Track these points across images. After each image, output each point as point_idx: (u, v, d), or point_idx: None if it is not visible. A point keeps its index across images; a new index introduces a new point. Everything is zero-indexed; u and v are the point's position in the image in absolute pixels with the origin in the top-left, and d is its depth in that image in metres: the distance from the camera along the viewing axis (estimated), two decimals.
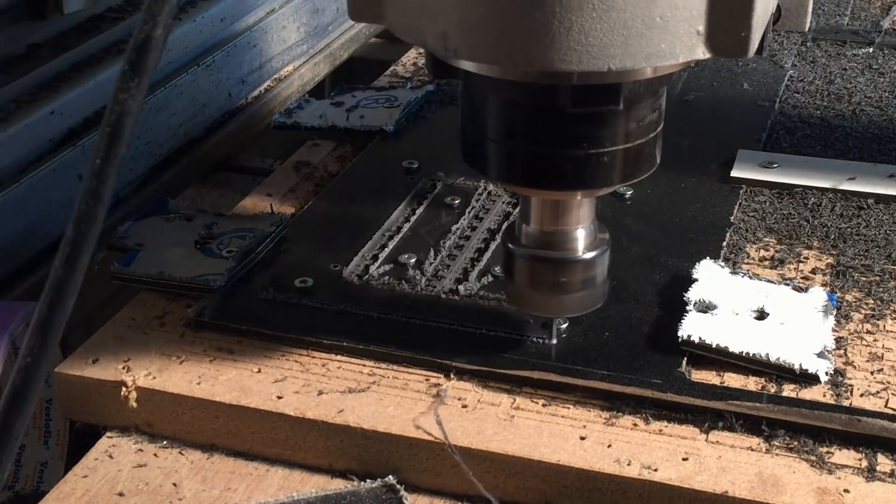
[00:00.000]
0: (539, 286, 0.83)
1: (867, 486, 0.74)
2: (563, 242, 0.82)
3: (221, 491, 0.78)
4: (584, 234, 0.82)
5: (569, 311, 0.85)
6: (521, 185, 0.79)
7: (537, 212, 0.82)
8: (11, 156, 1.07)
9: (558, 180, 0.77)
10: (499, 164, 0.78)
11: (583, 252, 0.82)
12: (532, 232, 0.82)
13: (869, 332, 0.88)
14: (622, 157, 0.76)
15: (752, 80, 1.35)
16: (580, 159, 0.75)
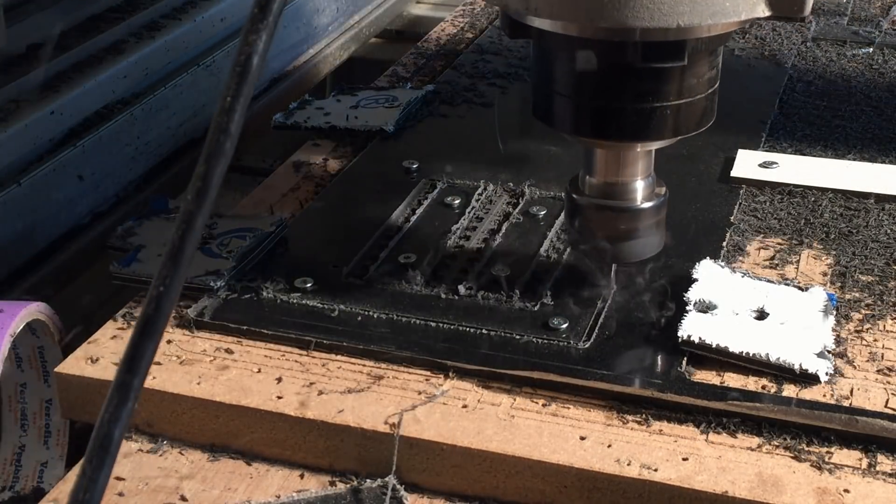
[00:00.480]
0: (600, 234, 0.89)
1: (867, 486, 0.74)
2: (623, 193, 0.88)
3: (221, 491, 0.78)
4: (643, 185, 0.89)
5: (628, 257, 0.91)
6: (589, 137, 0.86)
7: (601, 164, 0.88)
8: (11, 156, 1.07)
9: (623, 132, 0.83)
10: (568, 118, 0.85)
11: (641, 202, 0.88)
12: (595, 183, 0.89)
13: (869, 332, 0.88)
14: (683, 110, 0.82)
15: (752, 80, 1.35)
16: (644, 112, 0.82)
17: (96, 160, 1.17)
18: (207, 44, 1.37)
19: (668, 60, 0.79)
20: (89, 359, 0.86)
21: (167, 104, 1.27)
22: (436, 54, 1.48)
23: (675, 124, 0.83)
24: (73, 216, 1.15)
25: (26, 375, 0.92)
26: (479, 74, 1.38)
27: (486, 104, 1.30)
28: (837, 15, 1.57)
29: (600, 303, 0.91)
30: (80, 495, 0.55)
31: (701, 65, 0.82)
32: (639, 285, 0.93)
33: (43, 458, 0.92)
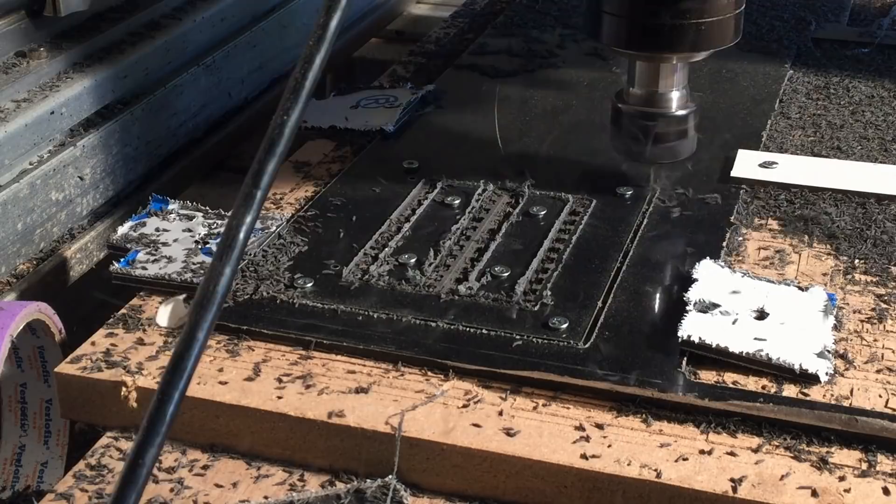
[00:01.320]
0: (639, 137, 1.05)
1: (867, 486, 0.74)
2: (660, 101, 1.05)
3: (221, 491, 0.78)
4: (678, 95, 1.05)
5: (663, 158, 1.07)
6: (632, 50, 1.03)
7: (641, 75, 1.05)
8: (11, 156, 1.07)
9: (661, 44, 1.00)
10: (613, 33, 1.02)
11: (676, 110, 1.05)
12: (636, 92, 1.05)
13: (869, 332, 0.88)
14: (714, 27, 0.99)
15: (752, 80, 1.35)
16: (681, 28, 0.98)
17: (96, 160, 1.17)
18: (207, 44, 1.37)
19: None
20: (89, 359, 0.86)
21: (167, 104, 1.27)
22: (436, 54, 1.48)
23: (707, 39, 0.99)
24: (73, 216, 1.14)
25: (26, 375, 0.92)
26: (479, 74, 1.38)
27: (487, 104, 1.30)
28: (837, 15, 1.57)
29: (600, 303, 0.91)
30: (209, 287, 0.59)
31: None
32: (639, 286, 0.93)
33: (43, 458, 0.92)
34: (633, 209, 1.05)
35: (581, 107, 1.29)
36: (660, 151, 1.06)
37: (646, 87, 1.05)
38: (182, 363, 0.58)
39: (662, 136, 1.05)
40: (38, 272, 1.08)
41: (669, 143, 1.05)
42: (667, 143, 1.05)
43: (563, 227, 1.02)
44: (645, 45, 1.02)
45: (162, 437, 0.57)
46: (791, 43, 1.46)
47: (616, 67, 1.39)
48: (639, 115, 1.05)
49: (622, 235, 1.01)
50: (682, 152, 1.08)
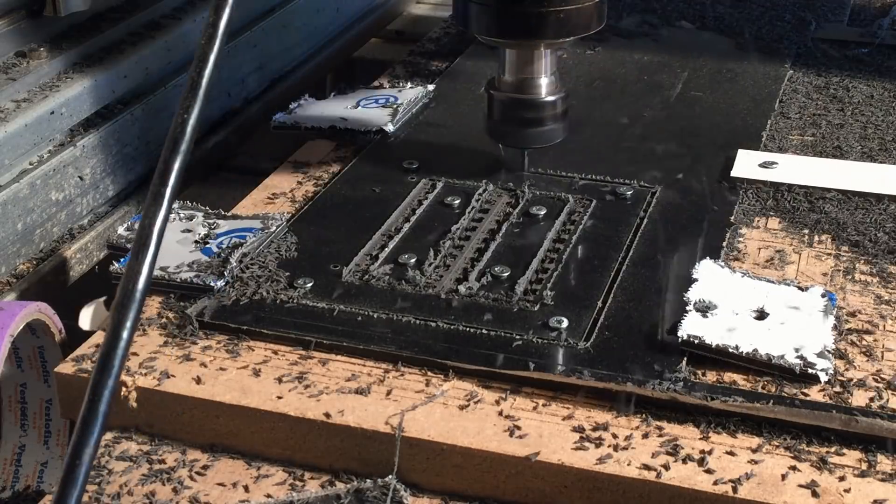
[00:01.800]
0: (510, 122, 1.09)
1: (867, 486, 0.74)
2: (530, 87, 1.08)
3: (221, 491, 0.78)
4: (547, 82, 1.08)
5: (534, 143, 1.10)
6: (498, 37, 1.06)
7: (511, 63, 1.08)
8: (11, 156, 1.07)
9: (525, 33, 1.03)
10: (481, 22, 1.05)
11: (545, 96, 1.08)
12: (507, 80, 1.08)
13: (869, 332, 0.88)
14: (575, 15, 1.02)
15: (752, 80, 1.35)
16: (543, 16, 1.01)
17: (96, 160, 1.17)
18: None
19: None
20: (89, 359, 0.86)
21: (167, 104, 1.27)
22: (436, 54, 1.48)
23: (568, 26, 1.03)
24: (73, 216, 1.14)
25: (26, 375, 0.92)
26: (479, 75, 1.38)
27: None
28: (837, 15, 1.57)
29: (600, 303, 0.91)
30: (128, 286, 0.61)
31: None
32: (639, 286, 0.93)
33: (43, 458, 0.92)
34: (633, 209, 1.05)
35: (581, 106, 1.29)
36: (530, 136, 1.09)
37: (515, 74, 1.07)
38: (109, 362, 0.59)
39: (532, 122, 1.08)
40: (38, 272, 1.08)
41: (539, 129, 1.09)
42: (537, 129, 1.09)
43: (563, 227, 1.02)
44: (511, 33, 1.05)
45: (97, 435, 0.58)
46: (791, 43, 1.46)
47: (617, 66, 1.39)
48: (510, 101, 1.08)
49: (622, 235, 1.01)
50: (551, 137, 1.10)
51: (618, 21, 1.55)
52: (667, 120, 1.25)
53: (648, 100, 1.31)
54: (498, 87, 1.09)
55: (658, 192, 1.08)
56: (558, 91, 1.09)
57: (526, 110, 1.08)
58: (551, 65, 1.08)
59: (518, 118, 1.09)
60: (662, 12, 1.58)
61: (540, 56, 1.07)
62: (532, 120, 1.08)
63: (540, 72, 1.07)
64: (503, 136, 1.12)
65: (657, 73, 1.38)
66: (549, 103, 1.08)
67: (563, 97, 1.09)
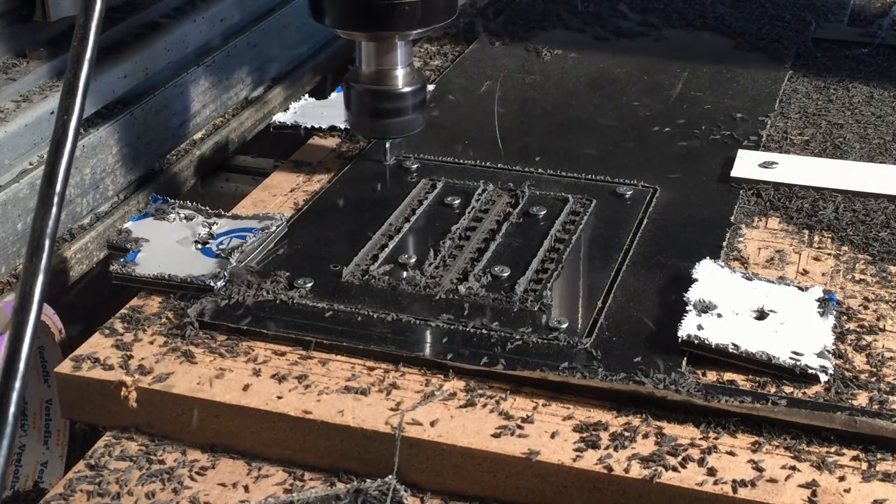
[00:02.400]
0: (369, 113, 1.09)
1: (867, 485, 0.74)
2: (386, 79, 1.07)
3: (221, 491, 0.78)
4: (403, 73, 1.07)
5: (392, 133, 1.11)
6: (349, 29, 1.06)
7: (367, 55, 1.07)
8: (11, 156, 1.07)
9: (375, 23, 1.03)
10: (334, 15, 1.04)
11: (402, 87, 1.07)
12: (365, 71, 1.08)
13: (869, 332, 0.88)
14: (420, 6, 1.02)
15: (752, 80, 1.35)
16: (394, 7, 1.01)
17: (96, 160, 1.17)
18: (207, 44, 1.37)
19: None
20: (89, 359, 0.86)
21: (167, 104, 1.27)
22: (436, 54, 1.48)
23: (416, 18, 1.02)
24: (73, 216, 1.14)
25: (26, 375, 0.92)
26: (479, 75, 1.38)
27: (487, 104, 1.30)
28: (837, 15, 1.57)
29: (600, 303, 0.91)
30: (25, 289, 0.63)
31: None
32: (639, 286, 0.93)
33: (43, 458, 0.92)
34: (633, 209, 1.05)
35: (581, 106, 1.29)
36: (390, 126, 1.10)
37: (372, 65, 1.08)
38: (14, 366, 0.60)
39: (391, 112, 1.08)
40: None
41: (398, 119, 1.09)
42: (395, 119, 1.09)
43: (563, 227, 1.02)
44: (364, 25, 1.05)
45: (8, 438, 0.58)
46: (791, 43, 1.46)
47: (617, 66, 1.39)
48: (367, 92, 1.08)
49: (622, 235, 1.01)
50: (410, 127, 1.10)
51: (618, 21, 1.55)
52: (667, 120, 1.25)
53: (648, 100, 1.31)
54: (356, 79, 1.09)
55: (658, 192, 1.08)
56: (415, 82, 1.09)
57: (384, 101, 1.08)
58: (407, 56, 1.08)
59: (377, 109, 1.09)
60: (664, 12, 1.58)
61: (395, 47, 1.07)
62: (391, 110, 1.08)
63: (396, 63, 1.07)
64: (363, 128, 1.12)
65: (657, 73, 1.38)
66: (407, 94, 1.08)
67: (420, 88, 1.09)
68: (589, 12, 1.58)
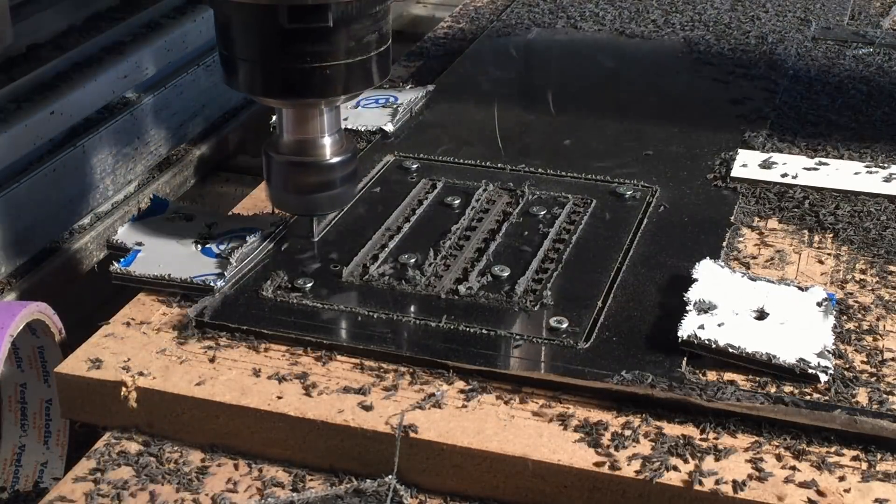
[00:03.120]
0: (292, 188, 0.96)
1: (867, 486, 0.74)
2: (311, 149, 0.95)
3: (221, 491, 0.78)
4: (330, 141, 0.95)
5: (319, 209, 0.99)
6: (270, 97, 0.92)
7: (288, 122, 0.95)
8: (11, 156, 1.07)
9: (294, 91, 0.90)
10: (251, 82, 0.91)
11: (330, 157, 0.95)
12: (286, 141, 0.95)
13: (869, 332, 0.88)
14: (345, 70, 0.89)
15: (752, 80, 1.35)
16: (308, 72, 0.88)
17: (96, 160, 1.17)
18: (207, 44, 1.37)
19: (314, 22, 0.85)
20: (89, 359, 0.86)
21: (167, 104, 1.27)
22: (436, 54, 1.48)
23: (338, 83, 0.90)
24: (73, 216, 1.15)
25: (26, 375, 0.92)
26: (479, 74, 1.38)
27: (487, 104, 1.30)
28: (837, 15, 1.57)
29: (600, 303, 0.91)
30: None
31: (358, 28, 0.88)
32: (639, 286, 0.93)
33: (43, 458, 0.92)
34: (633, 209, 1.05)
35: (581, 106, 1.29)
36: (317, 202, 0.98)
37: (294, 133, 0.95)
38: None
39: (316, 186, 0.96)
40: (38, 272, 1.08)
41: (326, 193, 0.96)
42: (323, 193, 0.96)
43: (563, 227, 1.02)
44: (280, 93, 0.91)
45: None
46: (791, 43, 1.46)
47: (617, 66, 1.40)
48: (290, 164, 0.96)
49: (622, 235, 1.01)
50: (340, 202, 1.00)
51: (620, 21, 1.55)
52: (667, 120, 1.25)
53: (649, 99, 1.31)
54: (277, 149, 0.96)
55: (658, 192, 1.08)
56: (344, 150, 0.96)
57: (310, 174, 0.96)
58: (334, 122, 0.95)
59: (302, 183, 0.97)
60: (664, 12, 1.58)
61: (319, 114, 0.94)
62: (317, 184, 0.96)
63: (321, 131, 0.95)
64: (286, 204, 0.99)
65: (657, 72, 1.38)
66: (335, 165, 0.96)
67: (350, 157, 0.97)
68: (590, 11, 1.58)
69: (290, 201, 0.98)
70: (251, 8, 0.86)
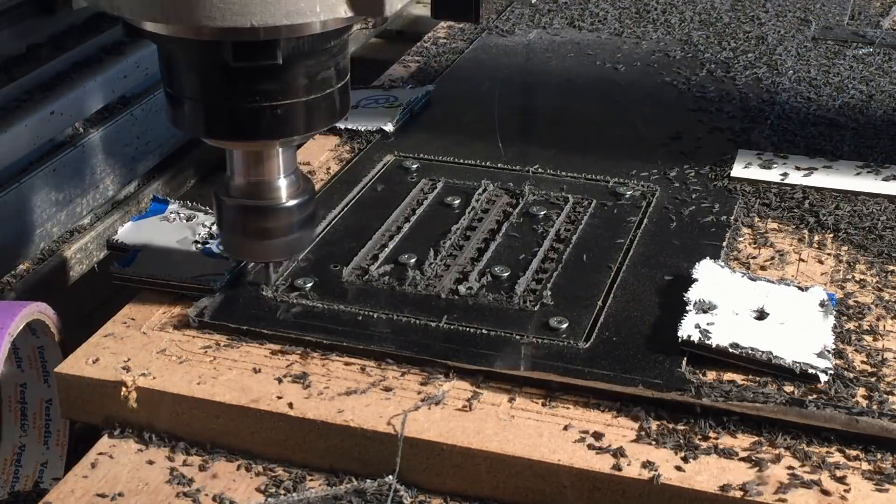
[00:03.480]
0: (247, 233, 0.89)
1: (867, 486, 0.74)
2: (266, 191, 0.87)
3: (221, 491, 0.78)
4: (286, 183, 0.87)
5: (276, 255, 0.91)
6: (209, 138, 0.84)
7: (240, 163, 0.87)
8: (11, 156, 1.07)
9: (240, 132, 0.82)
10: (198, 122, 0.83)
11: (286, 200, 0.87)
12: (238, 183, 0.88)
13: (869, 332, 0.88)
14: (298, 109, 0.81)
15: (752, 80, 1.35)
16: (256, 112, 0.80)
17: (96, 160, 1.17)
18: None
19: (262, 59, 0.77)
20: (89, 359, 0.86)
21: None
22: (436, 54, 1.48)
23: (291, 123, 0.82)
24: (73, 216, 1.15)
25: (26, 375, 0.92)
26: (479, 74, 1.38)
27: (487, 104, 1.30)
28: (837, 15, 1.57)
29: (600, 303, 0.91)
30: None
31: (310, 65, 0.81)
32: (639, 286, 0.93)
33: (43, 458, 0.92)
34: (633, 209, 1.05)
35: (581, 106, 1.29)
36: (272, 249, 0.90)
37: (246, 176, 0.87)
38: None
39: (271, 232, 0.89)
40: (37, 272, 1.08)
41: (283, 238, 0.89)
42: (277, 239, 0.89)
43: (563, 227, 1.02)
44: (228, 134, 0.84)
45: None
46: (791, 43, 1.46)
47: (617, 66, 1.40)
48: (242, 208, 0.88)
49: (622, 235, 1.01)
50: (298, 247, 0.93)
51: (619, 21, 1.55)
52: (667, 120, 1.25)
53: (649, 99, 1.31)
54: (227, 192, 0.88)
55: (658, 192, 1.08)
56: (302, 192, 0.89)
57: (264, 219, 0.88)
58: (290, 162, 0.88)
59: (255, 228, 0.89)
60: (663, 13, 1.58)
61: (274, 155, 0.86)
62: (272, 230, 0.89)
63: (276, 172, 0.87)
64: (239, 251, 0.92)
65: (657, 72, 1.38)
66: (292, 208, 0.88)
67: (308, 200, 0.89)
68: (590, 12, 1.58)
69: (243, 247, 0.91)
70: (193, 44, 0.77)
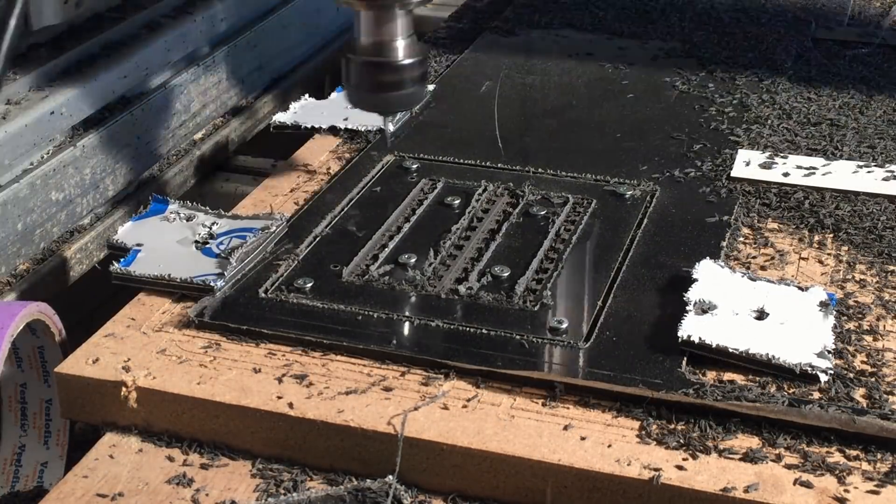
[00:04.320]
0: (370, 87, 1.02)
1: (867, 486, 0.74)
2: (387, 50, 1.00)
3: (221, 491, 0.78)
4: (404, 44, 1.00)
5: (394, 107, 1.05)
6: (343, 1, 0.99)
7: (366, 26, 1.00)
8: (11, 156, 1.07)
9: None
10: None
11: (403, 58, 1.00)
12: (364, 43, 1.01)
13: (869, 332, 0.88)
14: None
15: (752, 80, 1.35)
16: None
17: (96, 160, 1.17)
18: (207, 43, 1.37)
19: None
20: (89, 359, 0.86)
21: (167, 104, 1.27)
22: (436, 54, 1.48)
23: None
24: (73, 216, 1.15)
25: (26, 375, 0.92)
26: (479, 74, 1.38)
27: (487, 104, 1.30)
28: (837, 15, 1.57)
29: (600, 303, 0.91)
30: None
31: None
32: (639, 286, 0.93)
33: (43, 458, 0.92)
34: (633, 209, 1.06)
35: (581, 106, 1.29)
36: (389, 100, 1.03)
37: (371, 36, 1.01)
38: None
39: (390, 85, 1.01)
40: (38, 272, 1.08)
41: (398, 92, 1.02)
42: (396, 92, 1.02)
43: (563, 227, 1.02)
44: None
45: None
46: (791, 43, 1.46)
47: (617, 66, 1.40)
48: (365, 64, 1.01)
49: (622, 235, 1.01)
50: (411, 101, 1.06)
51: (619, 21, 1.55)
52: (667, 120, 1.25)
53: (649, 100, 1.31)
54: (354, 51, 1.02)
55: (658, 192, 1.08)
56: (416, 53, 1.01)
57: (384, 74, 1.01)
58: (407, 27, 1.01)
59: (376, 82, 1.02)
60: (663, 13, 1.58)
61: (395, 17, 1.00)
62: (391, 83, 1.01)
63: (396, 34, 1.00)
64: (362, 102, 1.05)
65: (657, 72, 1.38)
66: (408, 66, 1.01)
67: (421, 60, 1.02)
68: (590, 12, 1.58)
69: (366, 100, 1.03)
70: None
